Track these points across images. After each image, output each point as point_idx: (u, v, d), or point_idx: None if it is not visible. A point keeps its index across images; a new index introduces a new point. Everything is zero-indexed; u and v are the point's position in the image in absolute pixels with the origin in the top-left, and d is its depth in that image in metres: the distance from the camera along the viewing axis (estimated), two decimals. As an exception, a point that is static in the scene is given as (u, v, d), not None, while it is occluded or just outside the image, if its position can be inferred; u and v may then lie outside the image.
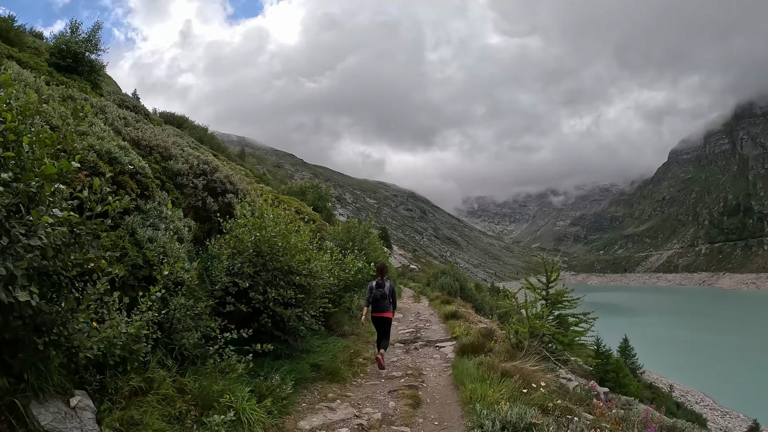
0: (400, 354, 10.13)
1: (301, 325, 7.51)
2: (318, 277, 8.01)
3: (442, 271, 31.14)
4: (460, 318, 14.18)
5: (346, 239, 15.20)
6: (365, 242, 16.06)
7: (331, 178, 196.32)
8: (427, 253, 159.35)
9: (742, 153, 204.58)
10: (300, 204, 20.28)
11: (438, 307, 17.86)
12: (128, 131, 10.76)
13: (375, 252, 16.95)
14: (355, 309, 12.70)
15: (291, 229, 7.74)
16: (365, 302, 9.20)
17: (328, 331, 10.36)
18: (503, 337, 9.88)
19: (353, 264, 10.67)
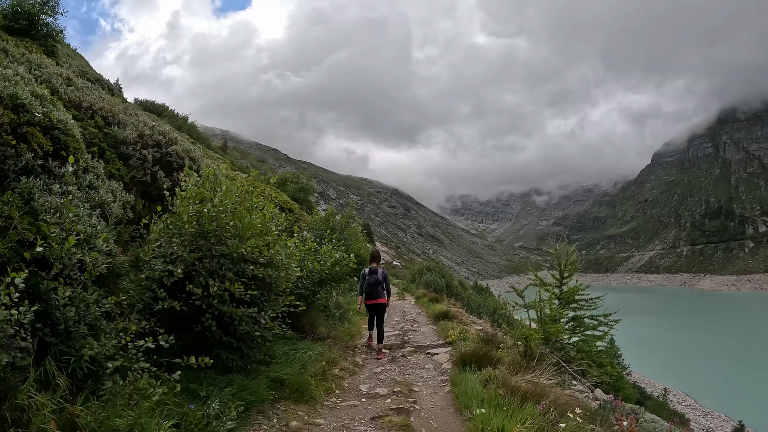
0: (385, 363, 8.43)
1: (256, 329, 5.74)
2: (282, 269, 6.25)
3: (428, 268, 29.65)
4: (452, 318, 12.65)
5: (324, 229, 13.55)
6: (346, 232, 14.44)
7: (315, 173, 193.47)
8: (410, 250, 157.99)
9: (725, 157, 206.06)
10: (277, 192, 18.52)
11: (426, 306, 16.26)
12: (68, 91, 8.92)
13: (357, 243, 15.33)
14: (333, 307, 11.00)
15: (247, 205, 5.93)
16: (359, 290, 9.25)
17: (298, 334, 8.62)
18: (510, 343, 8.21)
19: (330, 254, 8.94)
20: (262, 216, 6.22)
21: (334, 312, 10.85)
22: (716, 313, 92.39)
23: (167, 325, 5.91)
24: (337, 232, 13.70)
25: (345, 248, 10.55)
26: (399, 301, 20.14)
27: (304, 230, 12.51)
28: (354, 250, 13.85)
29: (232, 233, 5.56)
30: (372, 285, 9.08)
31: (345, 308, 12.07)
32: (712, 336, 64.61)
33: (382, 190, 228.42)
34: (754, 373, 45.40)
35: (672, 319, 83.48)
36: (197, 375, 5.38)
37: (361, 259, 12.98)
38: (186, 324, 5.93)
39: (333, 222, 14.63)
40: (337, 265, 8.93)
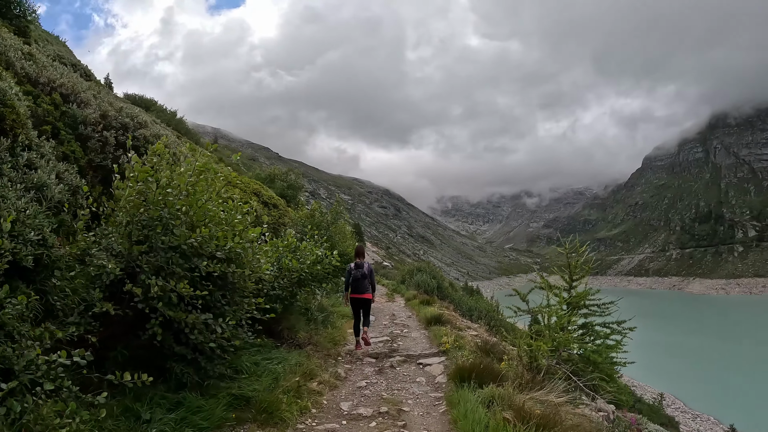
0: (370, 375, 7.40)
1: (210, 339, 4.71)
2: (247, 266, 5.24)
3: (418, 268, 28.61)
4: (445, 323, 11.69)
5: (308, 224, 12.57)
6: (332, 229, 13.45)
7: (306, 172, 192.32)
8: (400, 250, 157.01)
9: (715, 162, 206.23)
10: (261, 186, 17.47)
11: (416, 309, 15.21)
12: (26, 65, 8.15)
13: (345, 241, 14.34)
14: (315, 310, 10.02)
15: (200, 188, 4.87)
16: (344, 285, 9.26)
17: (274, 341, 7.63)
18: (513, 354, 7.25)
19: (310, 251, 7.94)
20: (221, 202, 5.21)
21: (317, 315, 9.89)
22: (705, 316, 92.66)
23: (113, 331, 4.93)
24: (322, 229, 12.76)
25: (329, 245, 9.61)
26: (388, 302, 19.18)
27: (288, 227, 11.57)
28: (340, 248, 12.87)
29: (184, 221, 4.54)
30: (357, 280, 8.94)
31: (329, 311, 11.10)
32: (702, 339, 64.93)
33: (373, 190, 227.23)
34: (743, 376, 45.74)
35: (661, 322, 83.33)
36: (144, 392, 4.40)
37: (347, 258, 12.15)
38: (132, 331, 4.94)
39: (318, 218, 13.60)
40: (318, 263, 7.95)
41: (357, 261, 9.26)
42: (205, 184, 4.94)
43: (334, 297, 13.47)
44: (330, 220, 13.99)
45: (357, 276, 8.98)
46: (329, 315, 10.84)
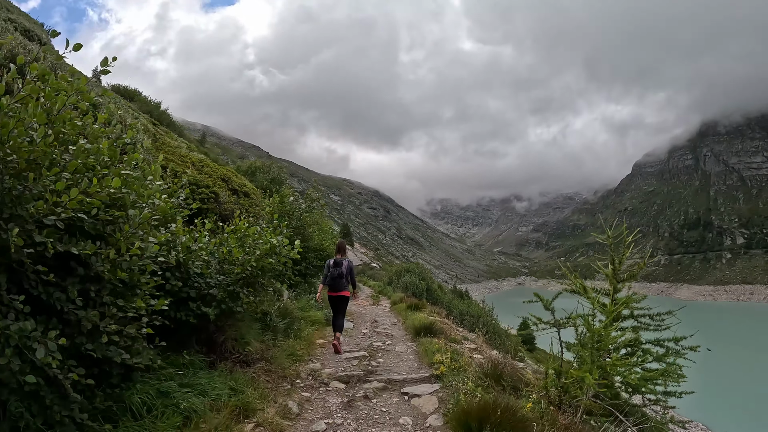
0: (334, 410, 5.24)
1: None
2: (121, 241, 3.16)
3: (407, 269, 26.84)
4: (437, 333, 9.60)
5: (276, 212, 10.48)
6: (305, 218, 11.40)
7: (296, 172, 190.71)
8: (389, 252, 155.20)
9: (704, 169, 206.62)
10: (233, 173, 15.37)
11: (404, 315, 13.06)
12: None
13: (319, 234, 12.28)
14: (276, 315, 7.95)
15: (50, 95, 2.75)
16: (321, 280, 9.03)
17: (213, 357, 5.54)
18: (532, 380, 5.19)
19: (263, 239, 5.88)
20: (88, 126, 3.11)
21: (277, 322, 7.78)
22: (693, 322, 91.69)
23: None
24: (294, 219, 10.76)
25: (298, 236, 7.74)
26: (372, 306, 17.04)
27: (259, 218, 9.66)
28: (315, 241, 10.79)
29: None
30: (335, 278, 8.66)
31: (295, 316, 8.96)
32: (690, 345, 63.89)
33: (362, 191, 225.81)
34: (733, 383, 45.66)
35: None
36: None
37: (324, 254, 10.24)
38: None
39: (289, 205, 11.49)
40: (272, 254, 5.87)
41: (337, 258, 8.97)
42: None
43: (303, 299, 11.06)
44: (304, 209, 11.88)
45: (334, 274, 8.66)
46: (293, 322, 8.68)
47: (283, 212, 10.78)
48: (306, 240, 9.15)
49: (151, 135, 12.47)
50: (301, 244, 7.69)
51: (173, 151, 11.63)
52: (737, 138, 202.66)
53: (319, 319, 9.81)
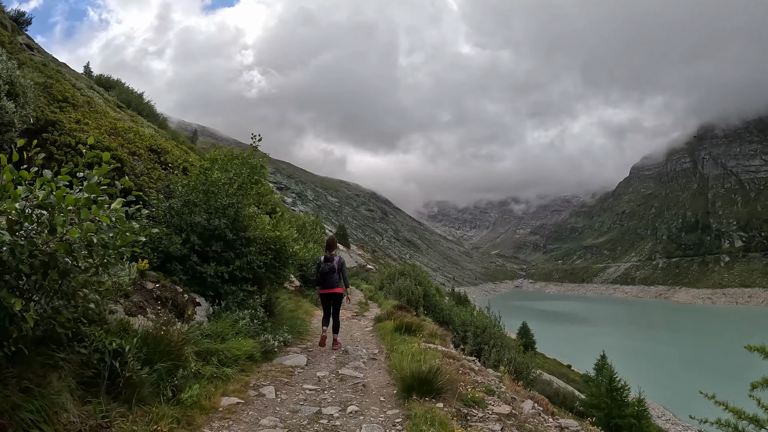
0: None
1: None
2: None
3: (401, 272, 24.73)
4: (441, 391, 5.66)
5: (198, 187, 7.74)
6: (227, 188, 7.86)
7: (293, 174, 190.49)
8: (386, 254, 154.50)
9: (702, 172, 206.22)
10: (177, 146, 13.55)
11: (389, 341, 9.11)
12: None
13: (254, 218, 8.25)
14: (135, 350, 4.32)
15: None
16: (315, 278, 9.11)
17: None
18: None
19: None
20: None
21: (133, 369, 4.00)
22: (692, 326, 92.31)
23: None
24: (220, 194, 7.56)
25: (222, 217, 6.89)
26: (354, 318, 14.14)
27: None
28: (258, 228, 7.90)
29: None
30: (326, 273, 8.46)
31: (183, 355, 4.99)
32: (689, 349, 64.54)
33: (360, 193, 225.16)
34: (732, 387, 43.97)
35: (649, 331, 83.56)
36: None
37: (289, 253, 8.50)
38: None
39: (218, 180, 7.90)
40: (111, 228, 3.35)
41: (327, 254, 8.67)
42: None
43: (229, 319, 6.76)
44: (234, 177, 8.21)
45: (325, 270, 8.46)
46: (183, 365, 4.80)
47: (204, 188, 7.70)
48: (240, 226, 7.29)
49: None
50: (234, 232, 6.95)
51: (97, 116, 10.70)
52: (735, 141, 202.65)
53: (244, 353, 6.22)
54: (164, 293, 5.45)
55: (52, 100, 11.24)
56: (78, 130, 7.80)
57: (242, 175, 8.18)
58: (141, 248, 5.80)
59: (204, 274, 6.48)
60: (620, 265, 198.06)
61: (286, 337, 7.76)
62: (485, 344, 16.24)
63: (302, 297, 13.86)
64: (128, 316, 4.62)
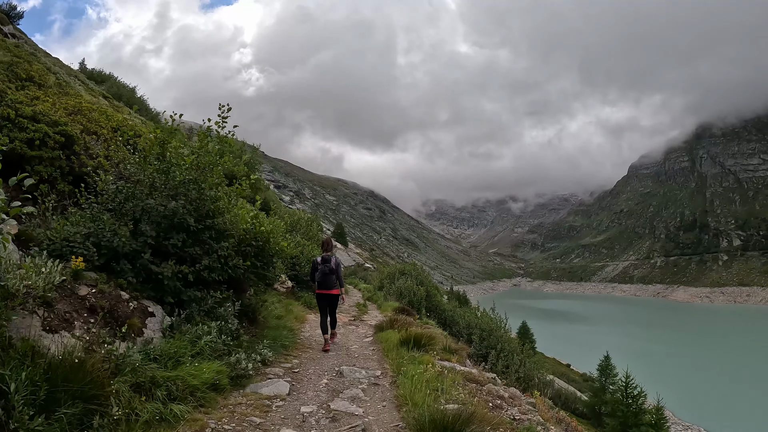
0: None
1: None
2: None
3: (401, 271, 23.50)
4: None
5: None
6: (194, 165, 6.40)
7: (291, 172, 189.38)
8: (384, 253, 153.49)
9: (701, 171, 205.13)
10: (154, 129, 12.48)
11: (395, 359, 7.39)
12: None
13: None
14: None
15: None
16: (310, 278, 8.89)
17: None
18: None
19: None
20: None
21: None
22: (690, 324, 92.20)
23: None
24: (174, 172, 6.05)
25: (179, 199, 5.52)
26: (352, 323, 12.30)
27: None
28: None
29: None
30: (325, 274, 8.44)
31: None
32: (688, 347, 64.66)
33: (358, 191, 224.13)
34: (732, 385, 45.39)
35: (647, 329, 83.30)
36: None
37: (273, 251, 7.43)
38: None
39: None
40: None
41: (324, 255, 8.61)
42: None
43: (189, 334, 5.41)
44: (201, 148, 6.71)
45: (325, 270, 8.41)
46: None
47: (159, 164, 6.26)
48: (205, 211, 5.86)
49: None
50: (199, 220, 5.53)
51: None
52: (733, 140, 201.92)
53: (205, 382, 4.74)
54: (101, 301, 4.14)
55: (14, 78, 10.34)
56: (27, 103, 6.58)
57: (207, 150, 6.46)
58: (80, 243, 4.59)
59: (160, 276, 5.08)
60: (618, 264, 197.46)
61: (265, 355, 6.28)
62: (492, 348, 15.12)
63: (294, 299, 12.46)
64: (47, 332, 3.35)
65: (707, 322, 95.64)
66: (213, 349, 5.18)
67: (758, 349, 62.01)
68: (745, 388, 44.12)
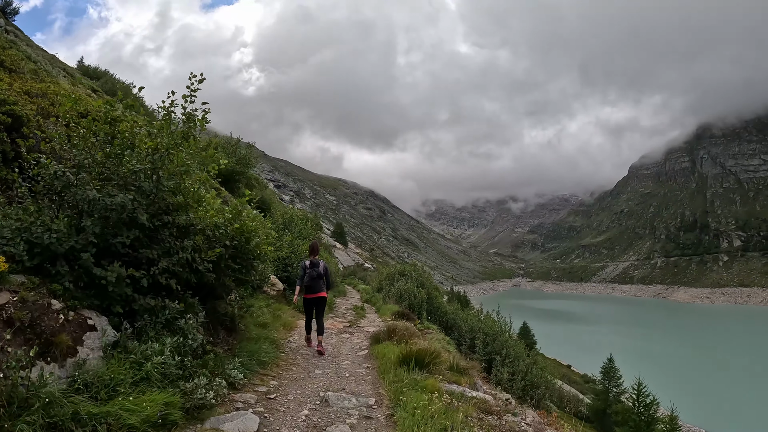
0: None
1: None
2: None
3: (401, 272, 22.52)
4: None
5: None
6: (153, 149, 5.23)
7: (291, 172, 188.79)
8: (384, 253, 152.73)
9: (701, 171, 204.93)
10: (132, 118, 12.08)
11: (391, 378, 6.33)
12: None
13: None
14: None
15: None
16: (298, 281, 8.70)
17: None
18: None
19: None
20: None
21: None
22: (691, 325, 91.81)
23: None
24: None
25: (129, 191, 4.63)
26: (346, 330, 11.15)
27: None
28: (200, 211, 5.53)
29: None
30: (314, 279, 8.50)
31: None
32: (689, 348, 64.26)
33: (358, 191, 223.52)
34: (734, 387, 45.10)
35: (648, 330, 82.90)
36: None
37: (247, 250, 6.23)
38: None
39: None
40: None
41: (312, 259, 8.69)
42: None
43: (137, 350, 4.39)
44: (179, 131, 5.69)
45: (313, 275, 8.48)
46: None
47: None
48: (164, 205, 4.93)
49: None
50: (156, 215, 4.71)
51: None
52: (734, 140, 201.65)
53: (145, 419, 3.59)
54: (20, 312, 3.24)
55: (-17, 62, 9.71)
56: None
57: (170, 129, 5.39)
58: (8, 239, 3.78)
59: (104, 281, 4.10)
60: (618, 264, 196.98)
61: (235, 377, 5.14)
62: (496, 354, 14.32)
63: (285, 304, 11.54)
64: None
65: (708, 323, 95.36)
66: (164, 372, 4.15)
67: (760, 350, 61.65)
68: (747, 390, 43.88)
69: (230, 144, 21.47)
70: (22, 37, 25.37)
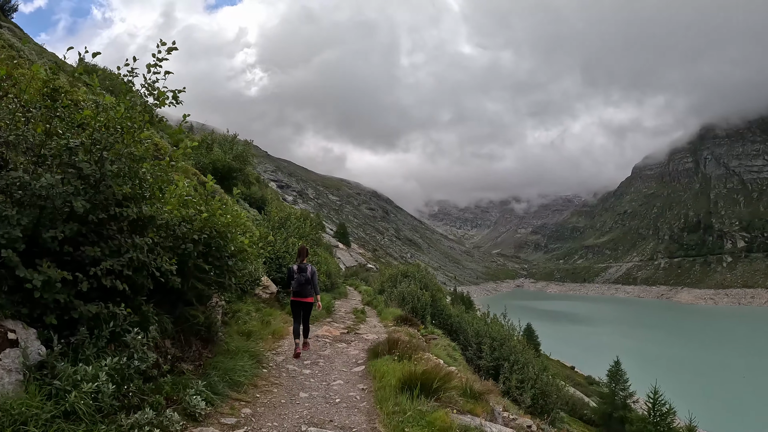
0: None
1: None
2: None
3: (404, 273, 21.51)
4: None
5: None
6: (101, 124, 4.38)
7: (294, 172, 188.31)
8: (387, 253, 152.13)
9: (705, 172, 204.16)
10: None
11: (390, 408, 5.15)
12: None
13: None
14: None
15: None
16: (286, 285, 9.40)
17: None
18: None
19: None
20: None
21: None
22: (695, 326, 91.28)
23: None
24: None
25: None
26: (342, 339, 10.18)
27: None
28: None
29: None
30: (302, 284, 8.54)
31: None
32: (692, 350, 64.25)
33: (361, 191, 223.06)
34: (737, 388, 45.09)
35: (651, 331, 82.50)
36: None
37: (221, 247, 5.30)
38: None
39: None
40: None
41: (300, 264, 8.72)
42: None
43: (63, 373, 3.45)
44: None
45: (301, 280, 8.54)
46: None
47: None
48: (111, 194, 4.06)
49: None
50: (102, 207, 3.91)
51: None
52: (737, 141, 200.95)
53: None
54: None
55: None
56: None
57: (128, 104, 4.54)
58: None
59: (30, 284, 3.26)
60: (622, 265, 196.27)
61: (196, 406, 4.07)
62: (504, 360, 13.56)
63: (279, 307, 10.71)
64: None
65: (713, 325, 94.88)
66: (93, 407, 3.19)
67: (763, 351, 61.34)
68: (753, 391, 43.69)
69: (227, 140, 20.59)
70: (20, 34, 24.92)
